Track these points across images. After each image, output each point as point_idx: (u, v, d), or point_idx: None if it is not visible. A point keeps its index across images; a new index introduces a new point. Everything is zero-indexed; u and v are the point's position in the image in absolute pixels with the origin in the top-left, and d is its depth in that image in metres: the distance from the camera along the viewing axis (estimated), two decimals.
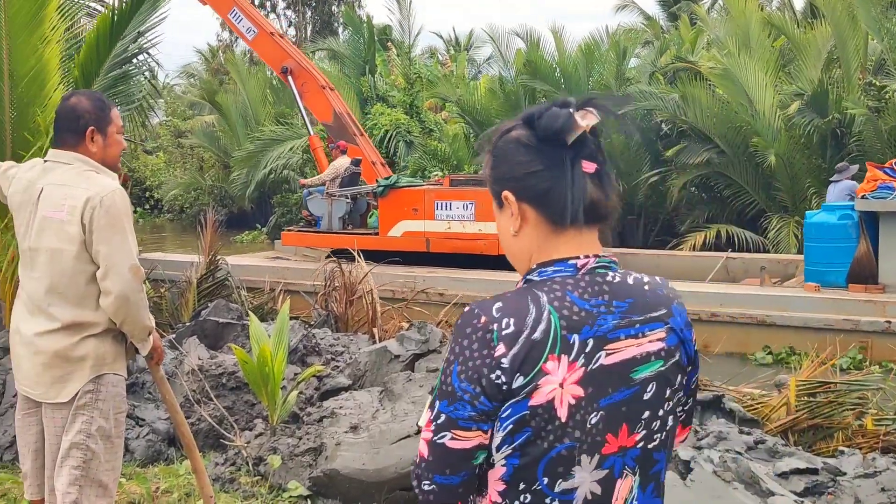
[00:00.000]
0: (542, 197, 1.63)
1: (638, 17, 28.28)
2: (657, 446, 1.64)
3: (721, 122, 17.53)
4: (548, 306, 1.58)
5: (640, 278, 1.70)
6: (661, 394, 1.63)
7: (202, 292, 9.70)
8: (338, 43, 27.99)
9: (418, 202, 13.86)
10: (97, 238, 3.32)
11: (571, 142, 1.60)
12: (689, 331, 1.70)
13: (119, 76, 7.80)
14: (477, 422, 1.57)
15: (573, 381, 1.56)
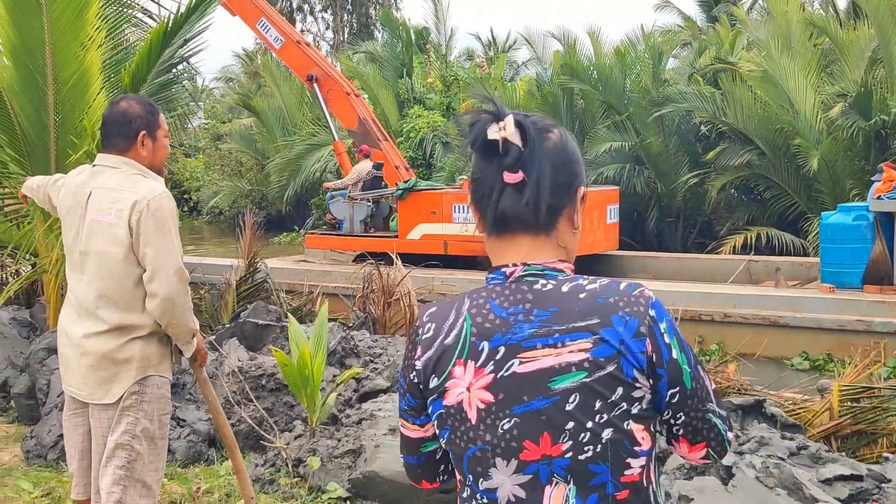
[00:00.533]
0: (477, 204, 1.70)
1: (676, 18, 28.10)
2: (591, 458, 1.60)
3: (762, 123, 17.35)
4: (465, 313, 1.66)
5: (580, 286, 1.65)
6: (590, 406, 1.59)
7: (241, 294, 9.76)
8: (375, 46, 28.10)
9: (436, 205, 14.01)
10: (143, 241, 3.37)
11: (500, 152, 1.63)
12: (640, 342, 1.61)
13: (165, 82, 7.93)
14: (410, 415, 1.76)
15: (481, 386, 1.62)
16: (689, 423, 1.70)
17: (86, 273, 3.45)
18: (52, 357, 6.17)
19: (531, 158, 1.64)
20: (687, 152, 19.11)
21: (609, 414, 1.60)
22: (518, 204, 1.64)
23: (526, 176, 1.63)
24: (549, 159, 1.66)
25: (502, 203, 1.65)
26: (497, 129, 1.64)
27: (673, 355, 1.64)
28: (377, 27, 34.51)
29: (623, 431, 1.61)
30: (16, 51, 6.82)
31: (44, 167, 7.11)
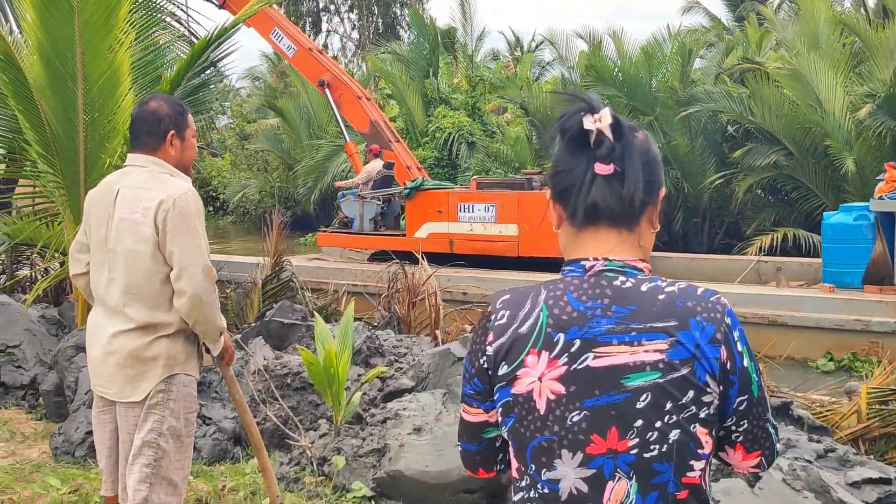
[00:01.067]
0: (561, 196, 1.72)
1: (703, 18, 27.94)
2: (657, 457, 1.62)
3: (789, 123, 17.21)
4: (542, 304, 1.67)
5: (659, 287, 1.67)
6: (659, 406, 1.61)
7: (267, 293, 9.82)
8: (402, 46, 28.13)
9: (442, 204, 14.24)
10: (170, 239, 3.40)
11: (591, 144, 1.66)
12: (715, 348, 1.63)
13: (197, 85, 8.04)
14: (475, 399, 1.77)
15: (553, 377, 1.64)
16: (750, 430, 1.72)
17: (113, 271, 3.48)
18: (81, 355, 6.23)
19: (624, 152, 1.66)
20: (714, 152, 19.00)
21: (678, 416, 1.62)
22: (608, 195, 1.66)
23: (619, 168, 1.65)
24: (638, 155, 1.69)
25: (593, 194, 1.66)
26: (593, 121, 1.66)
27: (744, 363, 1.67)
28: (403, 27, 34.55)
29: (689, 434, 1.63)
30: (45, 52, 6.88)
31: (73, 167, 7.18)
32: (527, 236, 13.28)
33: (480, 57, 28.89)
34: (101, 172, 7.23)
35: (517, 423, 1.68)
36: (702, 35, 24.38)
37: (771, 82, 17.46)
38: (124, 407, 3.51)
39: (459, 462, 4.74)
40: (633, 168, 1.66)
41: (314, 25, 35.88)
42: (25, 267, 10.02)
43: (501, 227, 13.50)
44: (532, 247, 13.28)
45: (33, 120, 7.14)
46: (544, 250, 13.03)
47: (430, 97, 23.54)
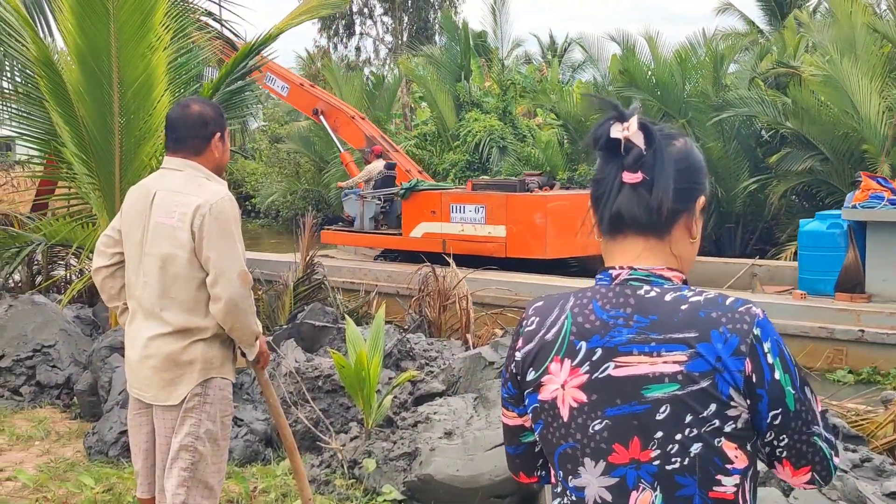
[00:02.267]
0: (594, 203, 1.73)
1: (737, 22, 27.69)
2: (679, 470, 1.59)
3: (825, 128, 17.02)
4: (568, 311, 1.68)
5: (684, 296, 1.63)
6: (680, 418, 1.58)
7: (298, 295, 9.86)
8: (434, 50, 28.16)
9: (436, 205, 14.48)
10: (207, 245, 3.41)
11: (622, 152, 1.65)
12: (739, 361, 1.57)
13: (235, 90, 8.12)
14: (510, 404, 1.80)
15: (575, 385, 1.64)
16: (792, 445, 1.66)
17: (147, 274, 3.49)
18: (115, 355, 6.29)
19: (653, 160, 1.65)
20: (747, 157, 18.84)
21: (699, 429, 1.58)
22: (634, 204, 1.65)
23: (646, 177, 1.64)
24: (671, 163, 1.67)
25: (618, 202, 1.66)
26: (620, 129, 1.65)
27: (775, 376, 1.60)
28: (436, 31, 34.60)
29: (713, 448, 1.59)
30: (83, 55, 6.96)
31: (108, 169, 7.25)
32: (514, 237, 13.50)
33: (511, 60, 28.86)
34: (136, 174, 7.30)
35: (544, 429, 1.70)
36: (737, 40, 24.18)
37: (806, 87, 17.29)
38: (161, 410, 3.53)
39: (490, 467, 4.77)
40: (662, 176, 1.64)
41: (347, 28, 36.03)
42: (61, 267, 10.13)
43: (491, 228, 13.75)
44: (519, 248, 13.50)
45: (70, 123, 7.22)
46: (531, 251, 13.33)
47: (462, 100, 23.54)
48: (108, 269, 3.66)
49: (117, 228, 3.65)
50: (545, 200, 13.46)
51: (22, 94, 8.11)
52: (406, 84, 29.18)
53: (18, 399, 6.96)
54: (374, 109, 26.37)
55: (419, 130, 25.21)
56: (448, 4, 35.06)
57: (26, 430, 6.26)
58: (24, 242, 8.30)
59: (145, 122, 7.25)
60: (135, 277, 3.56)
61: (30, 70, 7.52)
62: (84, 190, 7.81)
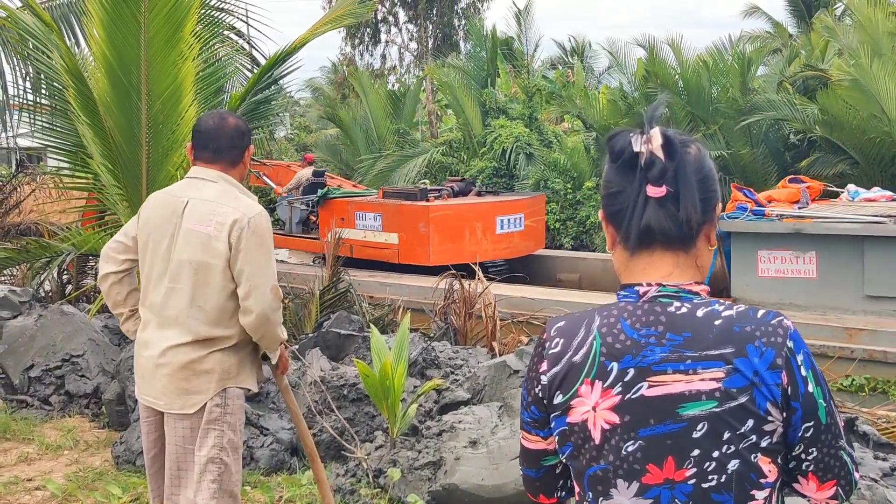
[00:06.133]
0: (613, 218, 1.68)
1: (765, 24, 27.47)
2: (715, 487, 1.58)
3: (854, 132, 16.85)
4: (595, 332, 1.64)
5: (716, 311, 1.61)
6: (717, 435, 1.57)
7: (324, 304, 9.88)
8: (459, 58, 28.16)
9: (344, 212, 15.37)
10: (243, 258, 3.44)
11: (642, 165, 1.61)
12: (776, 374, 1.57)
13: (261, 100, 8.19)
14: (533, 427, 1.75)
15: (607, 406, 1.60)
16: (821, 459, 1.65)
17: (177, 281, 3.48)
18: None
19: (678, 172, 1.62)
20: (776, 161, 18.69)
21: (737, 445, 1.57)
22: (663, 218, 1.62)
23: (672, 189, 1.61)
24: (693, 173, 1.64)
25: (647, 217, 1.62)
26: (643, 142, 1.62)
27: (809, 388, 1.60)
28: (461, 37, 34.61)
29: (750, 464, 1.58)
30: (111, 67, 7.02)
31: (135, 179, 7.31)
32: (404, 245, 14.27)
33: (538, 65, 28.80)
34: (163, 184, 7.34)
35: (574, 451, 1.66)
36: (765, 42, 24.01)
37: (834, 90, 17.13)
38: (174, 418, 3.53)
39: (515, 476, 4.75)
40: (687, 188, 1.62)
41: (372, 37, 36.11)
42: (90, 277, 10.22)
43: (386, 236, 14.53)
44: (408, 255, 14.23)
45: (98, 133, 7.29)
46: (417, 258, 14.08)
47: (488, 107, 23.53)
48: (117, 275, 3.67)
49: (131, 235, 3.65)
50: (428, 210, 14.11)
51: (49, 107, 8.21)
52: (432, 91, 29.20)
53: (48, 408, 7.03)
54: (398, 119, 26.44)
55: (445, 137, 25.21)
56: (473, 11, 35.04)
57: (55, 439, 6.31)
58: (53, 252, 8.39)
59: (173, 132, 7.32)
60: (157, 284, 3.54)
61: (57, 82, 7.60)
62: (111, 200, 7.88)
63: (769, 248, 11.74)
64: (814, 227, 11.38)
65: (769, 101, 18.04)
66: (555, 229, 20.23)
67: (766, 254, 11.78)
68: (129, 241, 3.65)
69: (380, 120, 26.57)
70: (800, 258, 11.58)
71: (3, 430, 6.47)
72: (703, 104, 19.27)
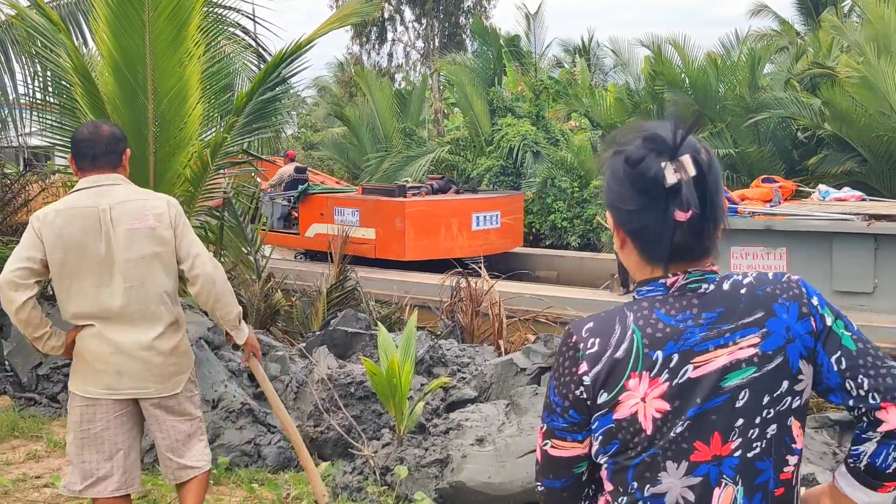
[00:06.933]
0: (634, 234, 1.71)
1: (772, 22, 27.38)
2: (759, 455, 1.64)
3: (863, 129, 16.79)
4: (632, 326, 1.67)
5: (738, 281, 1.70)
6: (758, 401, 1.63)
7: (332, 302, 9.88)
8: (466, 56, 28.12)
9: (324, 208, 15.70)
10: (182, 233, 3.80)
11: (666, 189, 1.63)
12: (805, 322, 1.66)
13: (269, 99, 8.14)
14: (570, 433, 1.73)
15: (656, 395, 1.64)
16: (877, 384, 1.66)
17: (133, 279, 3.69)
18: None
19: (703, 194, 1.65)
20: (783, 159, 18.64)
21: (775, 409, 1.65)
22: (691, 240, 1.66)
23: (698, 211, 1.64)
24: (714, 188, 1.67)
25: (676, 241, 1.66)
26: (674, 172, 1.63)
27: (827, 323, 1.69)
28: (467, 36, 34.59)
29: (785, 427, 1.66)
30: (117, 66, 7.02)
31: (143, 178, 7.30)
32: (381, 240, 14.55)
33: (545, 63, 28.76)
34: (170, 183, 7.36)
35: (621, 447, 1.68)
36: (772, 40, 23.92)
37: (842, 88, 17.08)
38: (160, 401, 3.82)
39: (522, 474, 4.74)
40: (712, 209, 1.66)
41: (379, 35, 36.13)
42: None
43: (364, 231, 14.79)
44: (385, 250, 14.53)
45: None
46: (393, 253, 14.38)
47: (496, 105, 23.51)
48: (33, 299, 3.71)
49: (38, 258, 3.67)
50: (404, 206, 14.36)
51: (58, 105, 8.21)
52: (438, 90, 29.18)
53: (56, 406, 7.04)
54: (405, 115, 26.45)
55: (452, 136, 25.19)
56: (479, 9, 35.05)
57: (63, 436, 6.31)
58: None
59: (180, 130, 7.31)
60: (105, 288, 3.69)
61: (65, 81, 7.61)
62: None
63: (741, 244, 11.96)
64: (784, 223, 11.67)
65: (777, 98, 17.99)
66: (562, 227, 20.20)
67: (738, 250, 12.00)
68: (37, 264, 3.68)
69: (386, 118, 26.56)
70: (771, 254, 11.85)
71: (12, 428, 6.49)
72: (711, 102, 19.23)
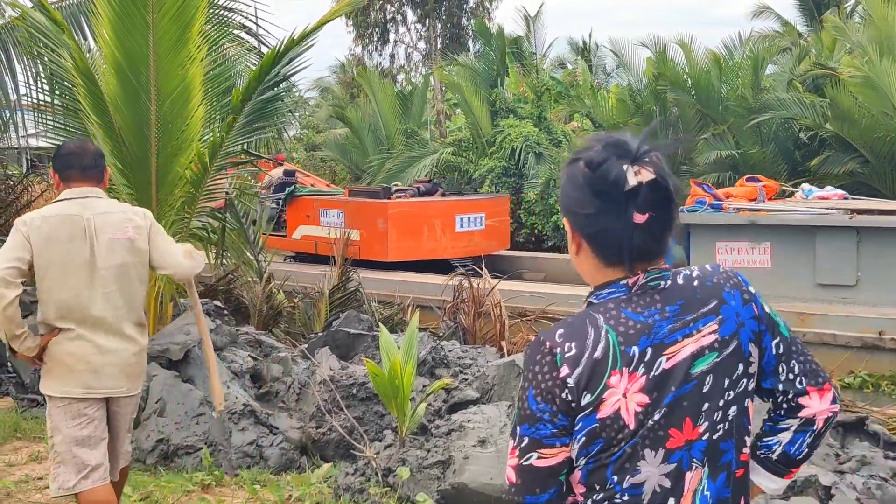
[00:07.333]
0: (592, 238, 1.77)
1: (775, 23, 27.34)
2: (722, 436, 1.74)
3: (865, 130, 16.78)
4: (605, 326, 1.73)
5: (689, 275, 1.80)
6: (720, 384, 1.74)
7: (334, 303, 9.89)
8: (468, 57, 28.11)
9: (310, 210, 15.84)
10: (155, 245, 4.12)
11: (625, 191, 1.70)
12: (749, 308, 1.79)
13: (268, 99, 8.08)
14: (559, 437, 1.75)
15: (636, 389, 1.71)
16: (805, 369, 1.85)
17: (111, 285, 3.96)
18: (152, 363, 6.33)
19: (660, 198, 1.73)
20: (786, 160, 18.63)
21: (734, 391, 1.76)
22: (649, 242, 1.74)
23: (653, 214, 1.72)
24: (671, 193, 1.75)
25: (635, 243, 1.73)
26: (635, 175, 1.70)
27: (766, 309, 1.83)
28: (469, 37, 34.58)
29: (743, 409, 1.78)
30: (120, 67, 7.02)
31: (145, 180, 7.32)
32: (365, 241, 14.51)
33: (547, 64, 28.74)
34: (172, 184, 7.37)
35: (605, 445, 1.72)
36: (774, 41, 23.89)
37: (845, 88, 17.06)
38: (127, 399, 4.10)
39: None
40: (668, 213, 1.74)
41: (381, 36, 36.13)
42: None
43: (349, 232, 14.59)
44: (368, 251, 14.53)
45: (109, 133, 7.28)
46: (377, 254, 14.50)
47: (498, 107, 23.50)
48: (18, 298, 3.85)
49: (26, 259, 3.87)
50: (387, 207, 14.49)
51: (60, 106, 8.21)
52: (441, 91, 29.18)
53: None
54: (407, 116, 26.44)
55: (454, 137, 25.18)
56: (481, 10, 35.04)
57: None
58: None
59: (182, 132, 7.31)
60: (85, 292, 3.93)
61: (68, 82, 7.61)
62: (121, 200, 7.87)
63: (726, 239, 12.27)
64: (768, 218, 11.90)
65: (779, 99, 17.99)
66: (563, 227, 20.19)
67: (723, 245, 12.32)
68: (24, 265, 3.88)
69: (388, 120, 26.54)
70: (755, 249, 12.12)
71: (14, 429, 6.50)
72: (713, 103, 19.23)
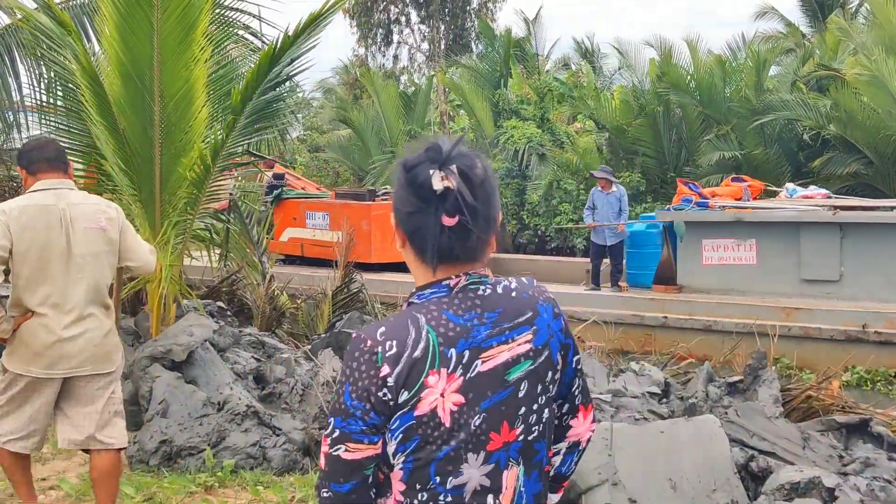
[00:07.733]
0: (409, 236, 1.85)
1: (779, 24, 27.31)
2: (536, 437, 1.85)
3: (869, 131, 16.76)
4: (426, 326, 1.78)
5: (507, 286, 1.88)
6: (534, 390, 1.83)
7: (337, 304, 9.89)
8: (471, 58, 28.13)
9: (297, 212, 16.06)
10: (124, 238, 4.41)
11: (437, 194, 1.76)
12: (558, 321, 1.90)
13: (270, 99, 8.01)
14: (368, 435, 1.79)
15: (453, 389, 1.77)
16: (583, 387, 2.00)
17: (82, 272, 4.22)
18: (155, 365, 6.35)
19: (470, 203, 1.77)
20: (789, 161, 18.63)
21: (546, 395, 1.86)
22: (455, 245, 1.80)
23: (464, 220, 1.77)
24: (484, 200, 1.80)
25: (441, 244, 1.79)
26: (441, 179, 1.76)
27: (568, 327, 1.95)
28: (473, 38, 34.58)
29: (552, 411, 1.91)
30: (124, 68, 7.02)
31: (148, 181, 7.32)
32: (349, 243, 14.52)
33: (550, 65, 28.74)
34: (176, 185, 7.37)
35: (421, 443, 1.77)
36: (778, 42, 23.88)
37: (849, 89, 17.05)
38: (95, 378, 4.32)
39: None
40: (477, 219, 1.79)
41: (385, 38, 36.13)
42: None
43: (333, 234, 14.99)
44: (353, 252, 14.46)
45: (112, 134, 7.28)
46: (359, 256, 14.51)
47: (501, 108, 23.51)
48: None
49: (7, 247, 4.11)
50: (370, 209, 14.77)
51: (63, 107, 8.21)
52: (444, 92, 29.19)
53: None
54: (410, 117, 26.45)
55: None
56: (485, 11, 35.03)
57: None
58: None
59: (185, 133, 7.32)
60: (60, 278, 4.19)
61: (72, 83, 7.61)
62: (125, 201, 7.87)
63: (713, 237, 12.55)
64: (754, 215, 12.09)
65: (783, 100, 17.99)
66: (567, 230, 20.21)
67: (710, 242, 12.62)
68: (5, 252, 4.12)
69: (392, 121, 26.58)
70: (741, 246, 12.40)
71: None
72: (717, 104, 19.22)
